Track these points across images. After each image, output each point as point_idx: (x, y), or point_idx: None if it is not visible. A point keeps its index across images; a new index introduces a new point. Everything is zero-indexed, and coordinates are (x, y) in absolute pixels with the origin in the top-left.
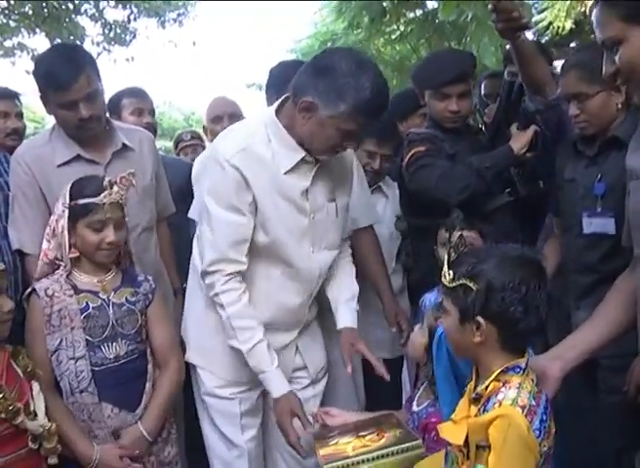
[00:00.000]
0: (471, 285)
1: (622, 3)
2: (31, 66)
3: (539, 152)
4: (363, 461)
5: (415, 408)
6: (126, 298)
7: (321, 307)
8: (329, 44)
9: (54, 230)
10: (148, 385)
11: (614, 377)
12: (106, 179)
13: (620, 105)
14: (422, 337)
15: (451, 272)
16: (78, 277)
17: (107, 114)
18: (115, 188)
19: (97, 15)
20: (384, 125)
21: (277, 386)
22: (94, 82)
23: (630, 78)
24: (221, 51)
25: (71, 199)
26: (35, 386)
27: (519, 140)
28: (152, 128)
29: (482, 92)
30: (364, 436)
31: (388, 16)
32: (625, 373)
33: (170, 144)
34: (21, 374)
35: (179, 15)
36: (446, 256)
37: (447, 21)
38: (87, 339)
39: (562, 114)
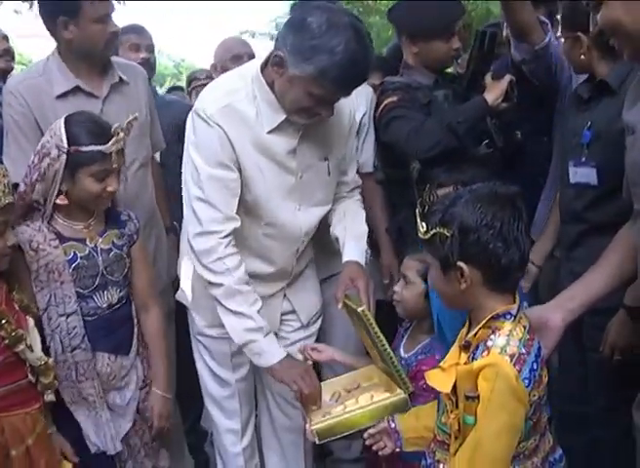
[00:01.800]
0: (445, 231)
1: None
2: (20, 7)
3: (514, 103)
4: (348, 411)
5: (403, 354)
6: (113, 242)
7: (320, 252)
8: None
9: (44, 173)
10: (137, 329)
11: (598, 335)
12: (114, 126)
13: (583, 56)
14: (413, 289)
15: (424, 224)
16: (61, 223)
17: None
18: (121, 135)
19: None
20: (390, 59)
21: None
22: None
23: (614, 36)
24: None
25: (70, 143)
26: (30, 321)
27: (494, 91)
28: (149, 64)
29: None
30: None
31: None
32: None
33: (160, 90)
34: (17, 307)
35: None
36: (417, 210)
37: None
38: (77, 292)
39: (551, 63)
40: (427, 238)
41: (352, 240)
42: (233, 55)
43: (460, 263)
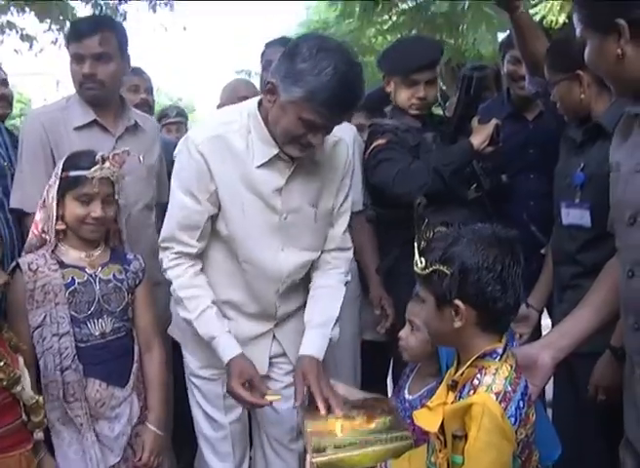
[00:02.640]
0: (444, 269)
1: (577, 8)
2: (20, 46)
3: (499, 146)
4: (351, 444)
5: (407, 396)
6: (113, 275)
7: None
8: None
9: (44, 200)
10: (135, 365)
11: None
12: (99, 154)
13: (583, 95)
14: (419, 335)
15: (423, 260)
16: (65, 251)
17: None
18: (107, 164)
19: None
20: (374, 98)
21: (227, 350)
22: (108, 46)
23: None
24: (211, 36)
25: (63, 170)
26: (20, 360)
27: (479, 135)
28: (148, 104)
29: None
30: (353, 417)
31: (380, 6)
32: None
33: None
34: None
35: None
36: (416, 244)
37: (438, 13)
38: (72, 315)
39: None
40: (425, 274)
41: (315, 328)
42: (239, 96)
43: (458, 302)
